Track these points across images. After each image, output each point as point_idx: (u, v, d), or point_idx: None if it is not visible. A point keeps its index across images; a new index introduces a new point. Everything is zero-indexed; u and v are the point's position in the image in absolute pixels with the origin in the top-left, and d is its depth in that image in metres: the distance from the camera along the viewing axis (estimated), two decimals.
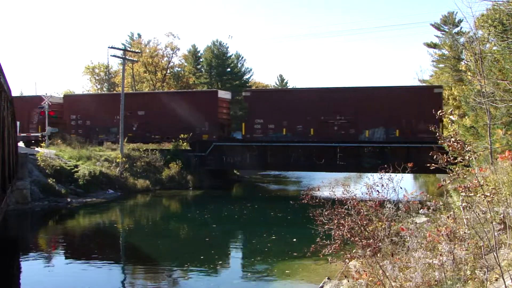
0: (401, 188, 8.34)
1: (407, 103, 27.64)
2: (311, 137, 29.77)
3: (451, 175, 5.77)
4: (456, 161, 5.51)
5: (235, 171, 38.24)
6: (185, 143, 32.52)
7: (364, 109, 28.52)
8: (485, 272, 5.02)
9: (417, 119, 27.38)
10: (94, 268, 13.58)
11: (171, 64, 55.47)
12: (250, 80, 65.25)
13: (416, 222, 7.54)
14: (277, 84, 76.62)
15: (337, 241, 8.02)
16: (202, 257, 14.67)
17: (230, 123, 34.83)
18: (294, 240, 16.23)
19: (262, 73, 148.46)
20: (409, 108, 27.56)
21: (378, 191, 8.40)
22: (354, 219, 7.98)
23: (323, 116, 29.46)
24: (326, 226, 8.28)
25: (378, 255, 7.04)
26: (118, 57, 34.73)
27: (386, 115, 28.12)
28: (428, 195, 8.93)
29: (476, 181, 5.18)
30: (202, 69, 61.97)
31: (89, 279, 12.38)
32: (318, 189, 11.42)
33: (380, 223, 7.98)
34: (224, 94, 34.30)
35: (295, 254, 14.46)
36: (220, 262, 13.99)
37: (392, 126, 28.37)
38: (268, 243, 16.09)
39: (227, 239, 18.15)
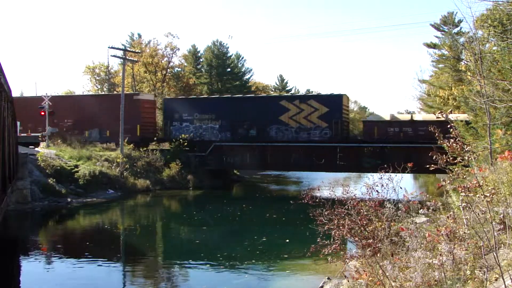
0: (401, 188, 8.34)
1: (113, 108, 32.76)
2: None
3: (451, 175, 5.78)
4: (455, 161, 5.52)
5: (235, 171, 38.29)
6: (185, 143, 32.58)
7: (87, 113, 33.88)
8: (484, 272, 5.03)
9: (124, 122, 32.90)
10: (94, 268, 13.60)
11: (171, 64, 55.42)
12: (250, 80, 65.27)
13: (416, 222, 7.55)
14: (277, 84, 76.62)
15: (337, 241, 8.02)
16: (201, 258, 14.70)
17: None
18: (287, 240, 16.32)
19: (262, 73, 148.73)
20: (115, 113, 32.32)
21: (377, 191, 8.40)
22: (354, 219, 7.99)
23: (57, 119, 34.15)
24: (326, 227, 8.28)
25: (378, 255, 7.04)
26: (118, 57, 34.79)
27: (100, 119, 33.81)
28: (428, 195, 8.93)
29: (475, 181, 5.19)
30: (202, 69, 61.95)
31: (89, 279, 12.40)
32: (318, 189, 11.43)
33: (380, 223, 7.98)
34: None
35: (295, 254, 14.49)
36: (219, 262, 14.00)
37: (104, 127, 34.06)
38: (266, 243, 16.12)
39: (225, 240, 18.17)
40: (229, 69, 61.59)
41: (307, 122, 30.75)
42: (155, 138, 34.73)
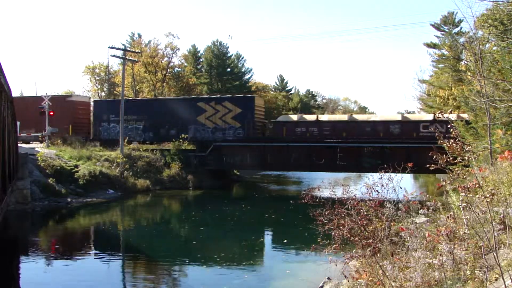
0: (401, 188, 8.33)
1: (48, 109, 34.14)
2: None
3: (451, 175, 5.77)
4: (456, 161, 5.51)
5: (235, 171, 38.30)
6: (186, 143, 32.65)
7: (22, 115, 33.35)
8: (485, 272, 5.03)
9: (55, 122, 33.97)
10: (94, 268, 13.59)
11: (171, 64, 55.39)
12: (250, 80, 65.26)
13: (416, 222, 7.54)
14: (277, 84, 76.63)
15: (337, 241, 8.02)
16: (200, 258, 14.70)
17: None
18: (285, 241, 16.32)
19: (262, 73, 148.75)
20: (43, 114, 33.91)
21: (377, 191, 8.38)
22: (354, 219, 7.98)
23: None
24: (326, 226, 8.27)
25: (378, 255, 7.03)
26: (118, 57, 34.81)
27: (35, 119, 34.09)
28: (428, 195, 8.92)
29: (475, 181, 5.18)
30: (202, 69, 61.94)
31: (89, 279, 12.38)
32: (318, 189, 11.42)
33: (380, 223, 7.98)
34: None
35: (295, 254, 14.48)
36: (219, 262, 14.00)
37: (39, 127, 34.38)
38: (265, 243, 16.13)
39: (224, 240, 18.16)
40: (229, 69, 61.58)
41: (222, 123, 32.63)
42: (90, 138, 35.86)
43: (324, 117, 32.31)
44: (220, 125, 32.67)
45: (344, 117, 31.72)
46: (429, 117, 29.39)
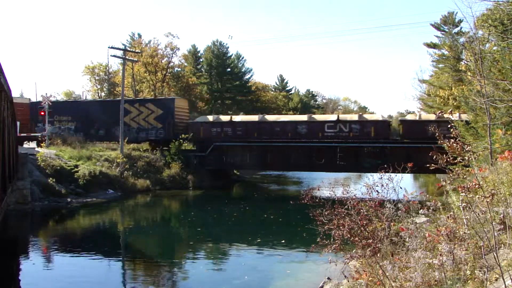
0: (401, 188, 8.31)
1: None
2: None
3: (451, 175, 5.76)
4: (456, 161, 5.50)
5: (235, 171, 38.31)
6: (186, 143, 32.69)
7: None
8: (485, 272, 5.02)
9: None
10: (94, 268, 13.59)
11: (171, 64, 55.37)
12: (250, 80, 65.28)
13: (416, 222, 7.53)
14: (277, 84, 76.64)
15: (337, 241, 8.00)
16: (200, 258, 14.70)
17: None
18: (283, 241, 16.33)
19: (262, 73, 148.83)
20: None
21: (377, 191, 8.37)
22: (354, 219, 7.96)
23: None
24: (326, 226, 8.26)
25: (378, 255, 7.02)
26: (118, 57, 34.83)
27: None
28: (428, 195, 8.91)
29: (475, 181, 5.18)
30: (202, 69, 61.98)
31: (89, 279, 12.39)
32: (318, 189, 11.42)
33: (380, 223, 7.96)
34: None
35: (294, 254, 14.47)
36: (219, 262, 13.99)
37: None
38: (265, 244, 16.12)
39: (224, 240, 18.16)
40: (229, 69, 61.63)
41: (145, 123, 34.25)
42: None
43: (237, 118, 33.87)
44: (144, 126, 34.24)
45: (255, 118, 33.04)
46: (333, 117, 30.81)
